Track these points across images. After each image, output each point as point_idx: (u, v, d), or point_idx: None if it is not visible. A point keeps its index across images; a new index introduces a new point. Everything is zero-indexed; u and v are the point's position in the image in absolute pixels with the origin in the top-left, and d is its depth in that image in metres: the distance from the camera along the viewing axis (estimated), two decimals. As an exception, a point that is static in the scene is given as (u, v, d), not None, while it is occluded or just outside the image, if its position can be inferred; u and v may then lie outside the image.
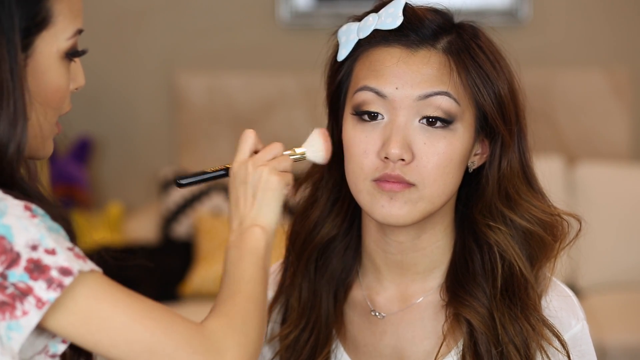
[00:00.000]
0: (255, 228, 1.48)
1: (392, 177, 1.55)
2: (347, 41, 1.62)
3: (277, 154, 1.52)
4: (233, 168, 1.52)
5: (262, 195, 1.49)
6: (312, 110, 4.77)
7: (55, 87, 1.39)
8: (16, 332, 1.28)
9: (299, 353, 1.68)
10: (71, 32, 1.40)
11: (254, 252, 1.46)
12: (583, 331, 1.65)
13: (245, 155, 1.52)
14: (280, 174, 1.50)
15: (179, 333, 1.34)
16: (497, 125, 1.60)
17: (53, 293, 1.28)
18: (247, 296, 1.41)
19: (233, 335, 1.37)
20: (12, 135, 1.34)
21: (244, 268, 1.45)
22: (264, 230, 1.48)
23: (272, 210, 1.49)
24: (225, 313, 1.39)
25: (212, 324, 1.37)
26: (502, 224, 1.62)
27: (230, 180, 1.52)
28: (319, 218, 1.69)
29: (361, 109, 1.58)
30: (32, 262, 1.28)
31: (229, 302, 1.40)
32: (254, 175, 1.49)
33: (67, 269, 1.29)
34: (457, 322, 1.62)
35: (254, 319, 1.40)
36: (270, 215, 1.49)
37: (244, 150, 1.52)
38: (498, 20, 4.91)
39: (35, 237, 1.29)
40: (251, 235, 1.48)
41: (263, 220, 1.48)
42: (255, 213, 1.49)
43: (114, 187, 5.11)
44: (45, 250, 1.29)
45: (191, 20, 5.05)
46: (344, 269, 1.71)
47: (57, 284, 1.28)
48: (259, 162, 1.50)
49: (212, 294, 4.32)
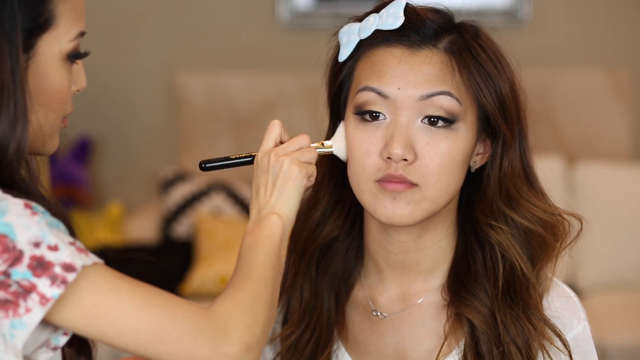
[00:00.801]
0: (273, 215, 1.49)
1: (395, 177, 1.55)
2: (348, 42, 1.62)
3: (302, 145, 1.53)
4: (257, 157, 1.54)
5: (281, 185, 1.50)
6: (312, 110, 4.77)
7: (56, 88, 1.39)
8: (19, 330, 1.28)
9: (300, 353, 1.68)
10: (74, 34, 1.40)
11: (269, 239, 1.47)
12: (585, 332, 1.65)
13: (270, 145, 1.53)
14: (301, 165, 1.51)
15: (185, 318, 1.34)
16: (499, 124, 1.60)
17: (57, 289, 1.28)
18: (257, 279, 1.42)
19: (240, 317, 1.37)
20: (12, 136, 1.34)
21: (257, 253, 1.45)
22: (280, 218, 1.49)
23: (290, 200, 1.50)
24: (232, 295, 1.39)
25: (219, 306, 1.38)
26: (503, 224, 1.62)
27: (254, 168, 1.54)
28: (320, 218, 1.69)
29: (363, 109, 1.58)
30: (35, 259, 1.28)
31: (238, 285, 1.41)
32: (276, 164, 1.51)
33: (70, 265, 1.29)
34: (459, 321, 1.62)
35: (262, 301, 1.40)
36: (288, 204, 1.50)
37: (268, 139, 1.54)
38: (498, 20, 4.91)
39: (38, 234, 1.29)
40: (268, 222, 1.48)
41: (281, 209, 1.49)
42: (274, 201, 1.50)
43: (114, 187, 5.11)
44: (48, 247, 1.29)
45: (191, 20, 5.05)
46: (346, 269, 1.71)
47: (60, 280, 1.28)
48: (281, 152, 1.52)
49: (212, 294, 4.32)
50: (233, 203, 4.64)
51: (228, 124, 4.94)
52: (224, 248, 4.43)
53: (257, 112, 4.92)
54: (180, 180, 4.69)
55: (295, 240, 1.71)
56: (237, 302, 1.38)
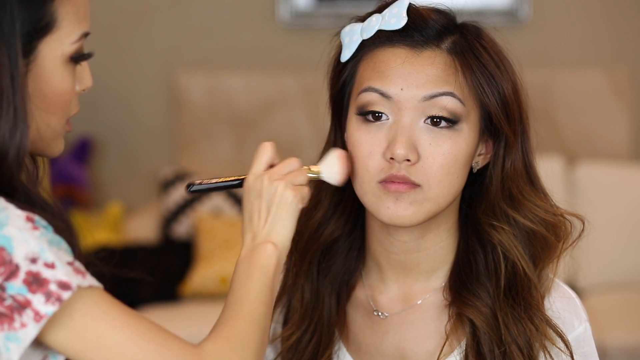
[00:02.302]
0: (268, 245, 1.46)
1: (398, 177, 1.55)
2: (350, 42, 1.62)
3: (293, 169, 1.51)
4: (248, 180, 1.51)
5: (276, 211, 1.47)
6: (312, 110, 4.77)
7: (59, 91, 1.38)
8: (14, 344, 1.27)
9: (301, 354, 1.68)
10: (77, 36, 1.38)
11: (264, 271, 1.44)
12: (586, 333, 1.65)
13: (261, 168, 1.51)
14: (295, 189, 1.49)
15: (174, 355, 1.32)
16: (502, 125, 1.60)
17: (51, 307, 1.27)
18: (249, 318, 1.40)
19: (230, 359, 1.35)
20: (11, 141, 1.32)
21: (250, 287, 1.43)
22: (276, 248, 1.46)
23: (286, 226, 1.48)
24: (224, 336, 1.37)
25: (210, 347, 1.35)
26: (505, 224, 1.62)
27: (244, 192, 1.51)
28: (322, 219, 1.69)
29: (366, 110, 1.58)
30: (31, 274, 1.27)
31: (229, 323, 1.39)
32: (270, 189, 1.48)
33: (65, 284, 1.28)
34: (460, 322, 1.62)
35: (253, 342, 1.38)
36: (284, 232, 1.48)
37: (260, 162, 1.51)
38: (498, 20, 4.90)
39: (35, 250, 1.28)
40: (263, 252, 1.46)
41: (276, 237, 1.47)
42: (269, 229, 1.47)
43: (114, 187, 5.10)
44: (44, 264, 1.28)
45: (191, 20, 5.05)
46: (347, 269, 1.70)
47: (55, 297, 1.27)
48: (275, 176, 1.49)
49: (212, 294, 4.32)
50: (233, 203, 4.64)
51: (228, 124, 4.94)
52: (224, 248, 4.43)
53: (257, 112, 4.92)
54: (180, 180, 4.69)
55: (296, 241, 1.70)
56: (228, 343, 1.36)
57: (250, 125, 4.92)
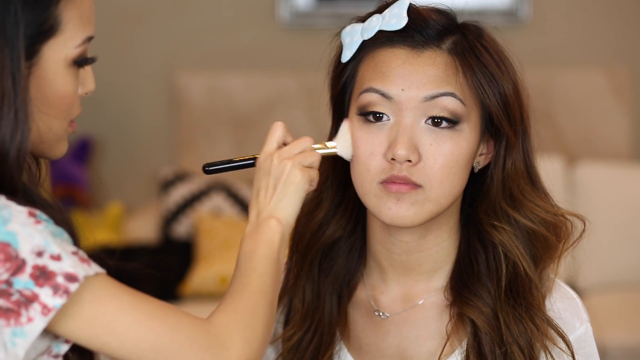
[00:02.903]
0: (272, 220, 1.48)
1: (399, 178, 1.55)
2: (351, 42, 1.62)
3: (305, 148, 1.52)
4: (259, 159, 1.52)
5: (282, 188, 1.49)
6: (312, 110, 4.77)
7: (62, 94, 1.37)
8: (21, 338, 1.27)
9: (302, 354, 1.68)
10: (80, 40, 1.37)
11: (268, 245, 1.46)
12: (587, 333, 1.65)
13: (272, 147, 1.52)
14: (304, 169, 1.50)
15: (184, 331, 1.34)
16: (502, 125, 1.60)
17: (59, 299, 1.27)
18: (256, 290, 1.41)
19: (239, 331, 1.36)
20: (12, 143, 1.32)
21: (256, 260, 1.44)
22: (280, 223, 1.48)
23: (290, 204, 1.49)
24: (232, 308, 1.39)
25: (219, 319, 1.37)
26: (506, 224, 1.62)
27: (255, 170, 1.53)
28: (323, 219, 1.69)
29: (367, 110, 1.58)
30: (38, 268, 1.28)
31: (237, 296, 1.40)
32: (278, 167, 1.50)
33: (72, 275, 1.28)
34: (461, 322, 1.62)
35: (261, 313, 1.40)
36: (289, 209, 1.49)
37: (271, 141, 1.53)
38: (498, 20, 4.89)
39: (41, 244, 1.28)
40: (267, 227, 1.47)
41: (280, 213, 1.48)
42: (274, 205, 1.49)
43: (114, 187, 5.10)
44: (50, 257, 1.28)
45: (191, 20, 5.05)
46: (349, 270, 1.70)
47: (63, 290, 1.28)
48: (284, 155, 1.51)
49: (212, 294, 4.32)
50: (233, 203, 4.64)
51: (228, 124, 4.94)
52: (224, 248, 4.43)
53: (257, 112, 4.92)
54: (180, 180, 4.69)
55: (297, 241, 1.71)
56: (236, 314, 1.38)
57: (250, 125, 4.92)
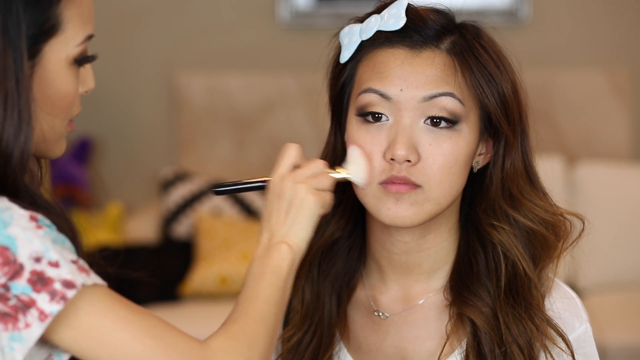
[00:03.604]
0: (283, 245, 1.46)
1: (399, 178, 1.55)
2: (349, 43, 1.62)
3: (318, 172, 1.50)
4: (272, 181, 1.50)
5: (295, 213, 1.47)
6: (312, 110, 4.77)
7: (63, 93, 1.37)
8: (19, 343, 1.27)
9: (302, 355, 1.68)
10: (81, 39, 1.37)
11: (277, 271, 1.44)
12: (587, 333, 1.65)
13: (285, 169, 1.50)
14: (317, 194, 1.48)
15: (179, 352, 1.32)
16: (501, 125, 1.60)
17: (56, 305, 1.26)
18: (258, 317, 1.39)
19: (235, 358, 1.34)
20: (16, 144, 1.32)
21: (263, 286, 1.42)
22: (291, 249, 1.46)
23: (303, 229, 1.47)
24: (231, 333, 1.36)
25: (217, 343, 1.35)
26: (505, 224, 1.62)
27: (267, 192, 1.50)
28: (322, 220, 1.68)
29: (365, 111, 1.58)
30: (36, 274, 1.27)
31: (238, 321, 1.38)
32: (291, 191, 1.47)
33: (70, 282, 1.27)
34: (461, 322, 1.62)
35: (261, 342, 1.38)
36: (301, 234, 1.47)
37: (285, 164, 1.50)
38: (498, 20, 4.91)
39: (40, 249, 1.27)
40: (277, 252, 1.45)
41: (292, 238, 1.46)
42: (287, 230, 1.47)
43: (114, 187, 5.10)
44: (49, 263, 1.27)
45: (191, 20, 5.05)
46: (348, 270, 1.70)
47: (60, 296, 1.27)
48: (298, 179, 1.48)
49: (212, 294, 4.32)
50: (233, 203, 4.64)
51: (228, 124, 4.94)
52: (224, 248, 4.43)
53: (257, 112, 4.92)
54: (180, 180, 4.69)
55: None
56: (235, 341, 1.36)
57: (250, 125, 4.92)
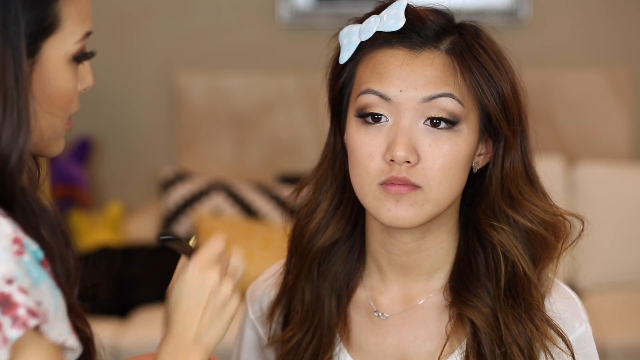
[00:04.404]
0: (197, 349, 1.42)
1: (398, 179, 1.55)
2: (349, 43, 1.61)
3: (242, 268, 1.48)
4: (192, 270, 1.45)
5: (217, 317, 1.44)
6: (312, 110, 4.77)
7: (62, 91, 1.36)
8: None
9: (302, 356, 1.68)
10: (80, 36, 1.36)
11: None
12: (586, 333, 1.65)
13: (208, 260, 1.46)
14: (239, 296, 1.46)
15: None
16: (501, 125, 1.60)
17: (16, 332, 1.22)
18: None
19: None
20: (14, 144, 1.29)
21: None
22: (205, 354, 1.43)
23: (221, 331, 1.44)
24: None
25: None
26: (505, 224, 1.62)
27: (186, 278, 1.46)
28: (322, 221, 1.68)
29: (365, 112, 1.58)
30: (4, 296, 1.23)
31: None
32: (219, 293, 1.44)
33: (34, 311, 1.23)
34: (461, 322, 1.62)
35: None
36: (217, 336, 1.44)
37: (210, 253, 1.47)
38: (498, 20, 4.91)
39: (13, 273, 1.23)
40: (189, 356, 1.41)
41: (208, 340, 1.43)
42: (204, 330, 1.43)
43: (114, 187, 5.10)
44: (19, 288, 1.23)
45: (191, 20, 5.05)
46: (348, 271, 1.70)
47: (21, 322, 1.22)
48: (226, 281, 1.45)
49: (212, 294, 4.32)
50: (233, 203, 4.64)
51: (228, 124, 4.94)
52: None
53: (257, 112, 4.92)
54: (180, 180, 4.69)
55: (296, 243, 1.70)
56: None
57: (250, 125, 4.92)
